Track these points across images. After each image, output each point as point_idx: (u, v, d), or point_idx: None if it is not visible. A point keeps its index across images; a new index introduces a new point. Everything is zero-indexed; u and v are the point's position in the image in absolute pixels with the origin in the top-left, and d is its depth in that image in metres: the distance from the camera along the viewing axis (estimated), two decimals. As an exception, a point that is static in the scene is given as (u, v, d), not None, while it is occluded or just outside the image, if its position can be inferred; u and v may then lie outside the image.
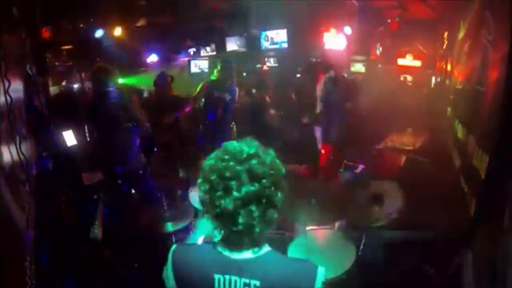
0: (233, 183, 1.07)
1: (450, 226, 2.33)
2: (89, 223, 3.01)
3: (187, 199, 2.93)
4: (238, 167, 1.09)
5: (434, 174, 3.36)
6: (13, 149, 2.06)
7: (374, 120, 4.37)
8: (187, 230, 2.87)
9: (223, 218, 1.10)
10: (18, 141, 2.13)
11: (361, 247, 2.46)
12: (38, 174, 2.69)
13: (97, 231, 2.86)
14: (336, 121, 4.39)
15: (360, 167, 3.79)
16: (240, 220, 1.07)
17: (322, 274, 1.12)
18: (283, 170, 1.17)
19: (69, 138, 3.59)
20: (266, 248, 1.17)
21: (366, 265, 2.38)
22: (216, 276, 1.14)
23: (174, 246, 1.24)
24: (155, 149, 4.31)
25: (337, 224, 2.67)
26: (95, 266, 3.00)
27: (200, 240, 2.61)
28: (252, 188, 1.07)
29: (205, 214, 1.16)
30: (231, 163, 1.10)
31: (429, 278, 2.44)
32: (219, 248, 1.17)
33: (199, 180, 1.15)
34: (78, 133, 3.82)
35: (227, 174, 1.08)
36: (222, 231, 1.14)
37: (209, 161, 1.15)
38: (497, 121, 1.45)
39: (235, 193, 1.07)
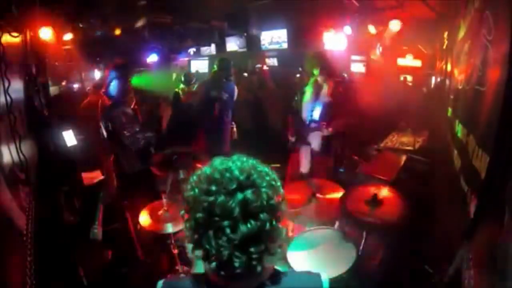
0: (225, 223, 0.89)
1: (450, 226, 2.33)
2: (89, 223, 3.01)
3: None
4: (230, 202, 0.90)
5: (434, 174, 3.36)
6: (13, 149, 2.06)
7: (374, 120, 4.38)
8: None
9: (217, 262, 0.92)
10: (18, 141, 2.13)
11: (361, 247, 2.46)
12: (39, 173, 2.69)
13: (97, 231, 2.87)
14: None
15: (360, 167, 3.80)
16: (237, 264, 0.91)
17: (326, 282, 1.10)
18: (282, 192, 1.01)
19: (69, 138, 3.59)
20: (270, 272, 1.03)
21: (366, 265, 2.38)
22: None
23: (160, 284, 1.09)
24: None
25: (337, 224, 2.67)
26: (95, 266, 3.00)
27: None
28: (249, 226, 0.90)
29: (193, 253, 0.97)
30: (220, 197, 0.91)
31: (429, 278, 2.44)
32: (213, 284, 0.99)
33: (182, 212, 0.99)
34: (79, 133, 3.82)
35: (217, 211, 0.90)
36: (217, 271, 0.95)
37: (191, 192, 0.96)
38: (497, 121, 1.45)
39: (230, 235, 0.89)
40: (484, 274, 1.55)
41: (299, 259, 2.37)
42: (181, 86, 5.33)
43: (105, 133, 3.84)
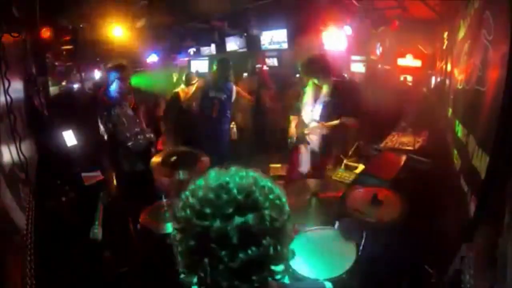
0: (223, 253, 0.78)
1: (450, 226, 2.33)
2: (89, 223, 3.01)
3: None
4: (228, 228, 0.78)
5: (434, 174, 3.36)
6: (13, 149, 2.07)
7: (374, 120, 4.37)
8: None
9: None
10: (18, 141, 2.13)
11: (361, 247, 2.46)
12: (38, 174, 2.70)
13: (97, 231, 2.86)
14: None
15: (360, 167, 3.80)
16: None
17: None
18: (287, 209, 0.90)
19: (69, 138, 3.59)
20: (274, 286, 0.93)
21: (366, 265, 2.38)
22: None
23: None
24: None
25: (337, 224, 2.67)
26: (95, 266, 3.00)
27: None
28: (250, 254, 0.79)
29: (185, 277, 0.86)
30: (216, 222, 0.78)
31: (429, 278, 2.44)
32: None
33: (174, 233, 0.85)
34: (80, 133, 3.82)
35: (212, 238, 0.78)
36: None
37: (183, 213, 0.83)
38: (497, 121, 1.45)
39: (227, 264, 0.78)
40: (484, 274, 1.55)
41: (299, 260, 2.36)
42: (182, 86, 5.33)
43: (105, 134, 3.85)
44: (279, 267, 0.86)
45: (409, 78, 5.92)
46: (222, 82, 4.67)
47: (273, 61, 7.08)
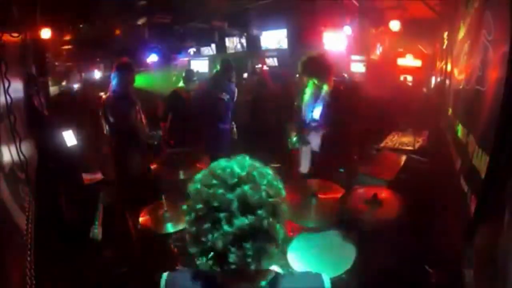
0: (222, 215, 0.90)
1: (450, 226, 2.33)
2: (89, 223, 3.01)
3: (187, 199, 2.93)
4: (228, 195, 0.91)
5: (434, 174, 3.36)
6: (13, 149, 2.06)
7: (374, 120, 4.37)
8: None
9: (212, 256, 0.92)
10: (18, 141, 2.13)
11: (361, 247, 2.46)
12: (38, 174, 2.69)
13: (97, 231, 2.86)
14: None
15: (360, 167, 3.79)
16: (231, 259, 0.90)
17: (328, 281, 1.09)
18: (283, 194, 1.01)
19: (69, 138, 3.59)
20: (270, 275, 1.03)
21: (366, 265, 2.38)
22: None
23: (165, 276, 1.13)
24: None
25: (337, 225, 2.67)
26: (95, 266, 3.00)
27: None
28: (246, 221, 0.90)
29: (190, 248, 0.97)
30: (220, 190, 0.92)
31: (429, 278, 2.44)
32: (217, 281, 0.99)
33: (185, 207, 0.99)
34: (80, 133, 3.83)
35: (215, 203, 0.91)
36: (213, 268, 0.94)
37: (194, 186, 0.98)
38: (497, 121, 1.45)
39: (225, 227, 0.89)
40: (484, 274, 1.55)
41: (299, 259, 2.37)
42: (181, 84, 5.31)
43: (108, 130, 3.91)
44: (272, 245, 0.94)
45: (409, 78, 5.91)
46: (226, 83, 4.68)
47: (273, 61, 7.08)
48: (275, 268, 1.19)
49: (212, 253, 0.91)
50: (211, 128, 4.69)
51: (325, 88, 3.70)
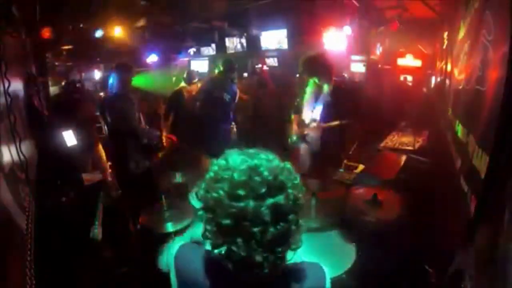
0: (256, 229, 0.86)
1: (450, 226, 2.33)
2: (89, 223, 3.01)
3: (187, 199, 2.93)
4: (262, 208, 0.86)
5: (434, 174, 3.36)
6: (13, 149, 2.06)
7: (374, 120, 4.37)
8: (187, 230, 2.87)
9: (242, 262, 0.90)
10: (18, 141, 2.13)
11: (361, 247, 2.46)
12: (38, 174, 2.69)
13: (97, 231, 2.86)
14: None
15: (360, 167, 3.79)
16: (266, 264, 0.90)
17: (328, 273, 1.12)
18: (303, 190, 1.01)
19: (69, 138, 3.59)
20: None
21: (366, 265, 2.38)
22: None
23: (178, 247, 1.08)
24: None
25: (337, 225, 2.66)
26: (95, 266, 3.00)
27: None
28: (278, 228, 0.88)
29: (214, 250, 0.94)
30: (251, 203, 0.85)
31: (429, 278, 2.44)
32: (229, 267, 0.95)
33: (201, 213, 0.93)
34: (80, 133, 3.83)
35: (248, 217, 0.85)
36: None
37: (213, 194, 0.89)
38: (497, 121, 1.45)
39: (259, 239, 0.86)
40: (484, 274, 1.55)
41: (299, 259, 2.36)
42: (182, 84, 5.31)
43: (106, 128, 3.91)
44: (296, 240, 0.96)
45: (409, 78, 5.92)
46: (227, 83, 4.69)
47: (273, 61, 7.08)
48: None
49: (244, 260, 0.90)
50: (212, 128, 4.69)
51: (326, 87, 3.70)
